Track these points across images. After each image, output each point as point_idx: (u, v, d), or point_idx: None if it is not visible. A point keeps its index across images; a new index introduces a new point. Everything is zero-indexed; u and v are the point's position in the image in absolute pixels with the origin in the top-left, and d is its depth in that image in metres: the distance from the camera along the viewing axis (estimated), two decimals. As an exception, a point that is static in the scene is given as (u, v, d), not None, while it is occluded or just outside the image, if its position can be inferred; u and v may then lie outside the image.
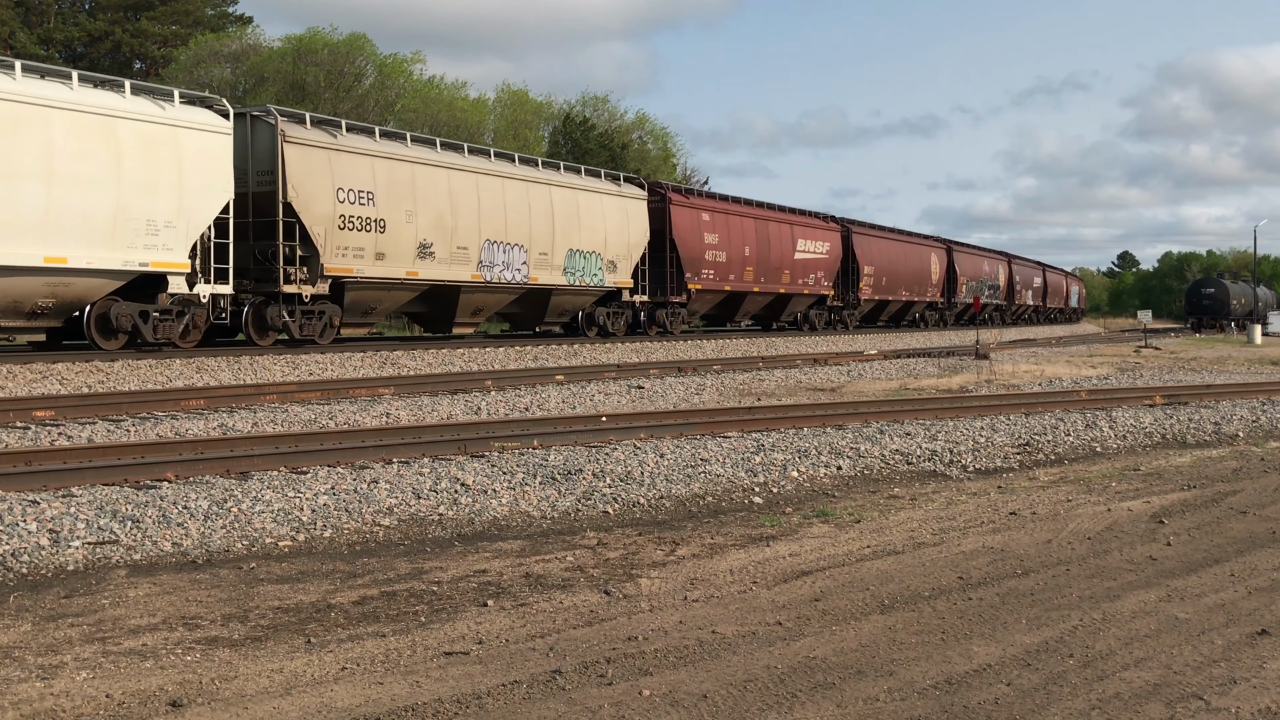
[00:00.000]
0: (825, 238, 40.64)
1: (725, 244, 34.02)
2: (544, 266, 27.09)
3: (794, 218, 39.03)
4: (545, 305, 27.67)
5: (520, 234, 26.31)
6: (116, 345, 18.37)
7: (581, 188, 28.92)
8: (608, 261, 29.38)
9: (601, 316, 29.71)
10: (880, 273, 44.76)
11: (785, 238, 37.71)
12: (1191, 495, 9.10)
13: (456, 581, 6.36)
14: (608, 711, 4.27)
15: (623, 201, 30.49)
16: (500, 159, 26.88)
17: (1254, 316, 63.59)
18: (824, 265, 40.22)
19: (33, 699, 4.43)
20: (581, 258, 28.39)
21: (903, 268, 47.15)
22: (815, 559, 6.86)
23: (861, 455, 10.92)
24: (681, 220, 32.23)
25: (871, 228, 45.66)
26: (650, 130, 64.80)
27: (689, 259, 32.22)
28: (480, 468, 9.58)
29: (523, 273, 26.42)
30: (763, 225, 36.63)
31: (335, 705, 4.35)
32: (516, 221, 26.20)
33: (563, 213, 27.82)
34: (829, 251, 40.59)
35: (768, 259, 36.34)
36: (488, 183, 25.65)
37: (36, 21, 54.37)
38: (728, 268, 34.18)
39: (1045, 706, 4.32)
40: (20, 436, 11.61)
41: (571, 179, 28.79)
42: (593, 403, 16.08)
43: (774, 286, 37.12)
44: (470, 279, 24.91)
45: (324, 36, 50.86)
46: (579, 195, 28.70)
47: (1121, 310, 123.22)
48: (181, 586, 6.22)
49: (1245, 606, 5.75)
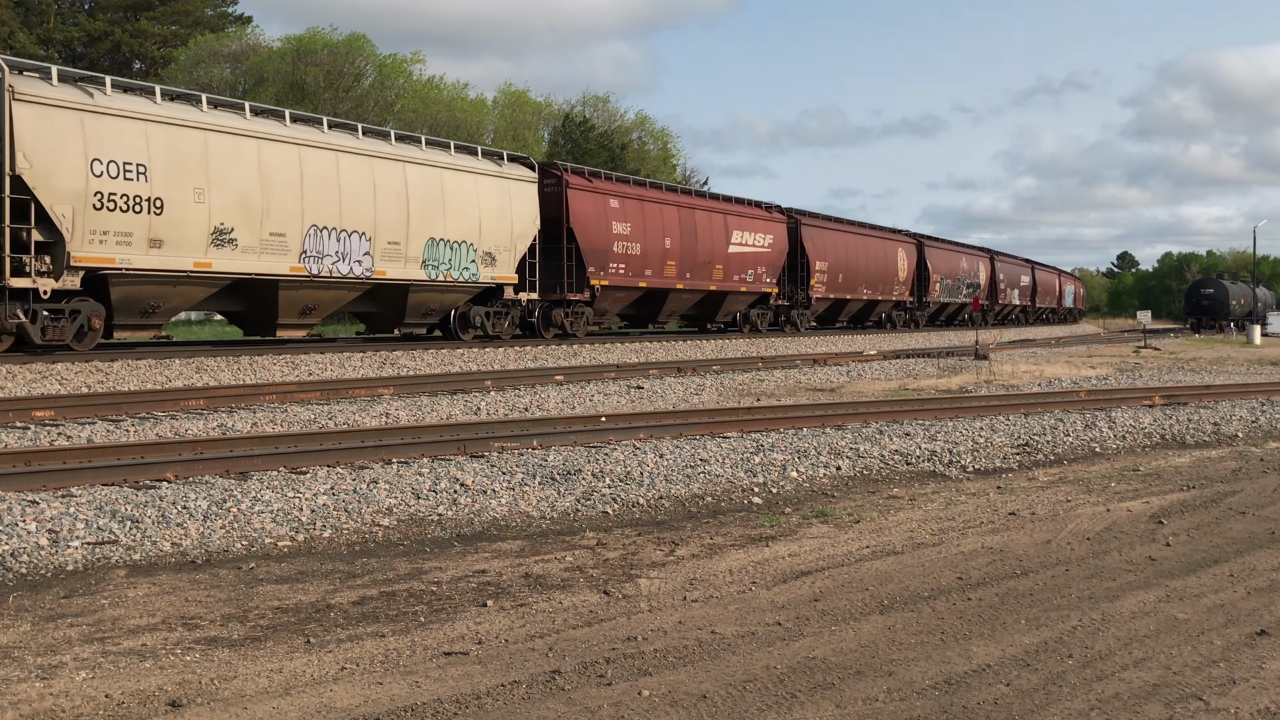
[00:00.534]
0: (768, 229, 36.56)
1: (640, 234, 29.96)
2: (395, 258, 22.99)
3: (728, 206, 35.17)
4: (403, 304, 23.93)
5: (361, 219, 22.10)
6: None
7: (448, 166, 24.54)
8: (483, 253, 25.28)
9: (479, 316, 25.92)
10: (836, 269, 40.95)
11: (717, 228, 33.77)
12: (1191, 496, 9.10)
13: (456, 582, 6.37)
14: (607, 711, 4.27)
15: (503, 184, 26.05)
16: (338, 130, 22.62)
17: (1253, 317, 63.61)
18: (767, 260, 36.24)
19: (32, 699, 4.43)
20: (447, 248, 24.30)
21: (863, 263, 43.37)
22: (814, 559, 6.86)
23: (861, 455, 10.93)
24: (582, 206, 28.09)
25: (825, 219, 41.87)
26: (650, 131, 64.87)
27: (592, 251, 28.18)
28: (480, 468, 9.58)
29: (365, 265, 22.24)
30: (688, 214, 32.61)
31: (335, 705, 4.35)
32: (355, 204, 21.94)
33: (421, 195, 23.67)
34: (772, 245, 36.55)
35: (694, 252, 32.41)
36: (315, 157, 21.23)
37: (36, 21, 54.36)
38: (643, 261, 30.14)
39: (1044, 707, 4.32)
40: (20, 436, 11.60)
41: (434, 155, 24.45)
42: (592, 403, 16.08)
43: (703, 283, 33.16)
44: (289, 272, 20.81)
45: (324, 37, 50.91)
46: (444, 175, 24.36)
47: (1121, 310, 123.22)
48: (181, 586, 6.22)
49: (1244, 607, 5.75)
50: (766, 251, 36.33)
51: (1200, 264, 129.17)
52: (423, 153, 24.22)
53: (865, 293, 43.84)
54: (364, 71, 51.74)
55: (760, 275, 36.09)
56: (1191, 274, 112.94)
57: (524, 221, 26.60)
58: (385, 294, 23.62)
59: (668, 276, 31.46)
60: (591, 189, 28.71)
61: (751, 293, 35.92)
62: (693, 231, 32.57)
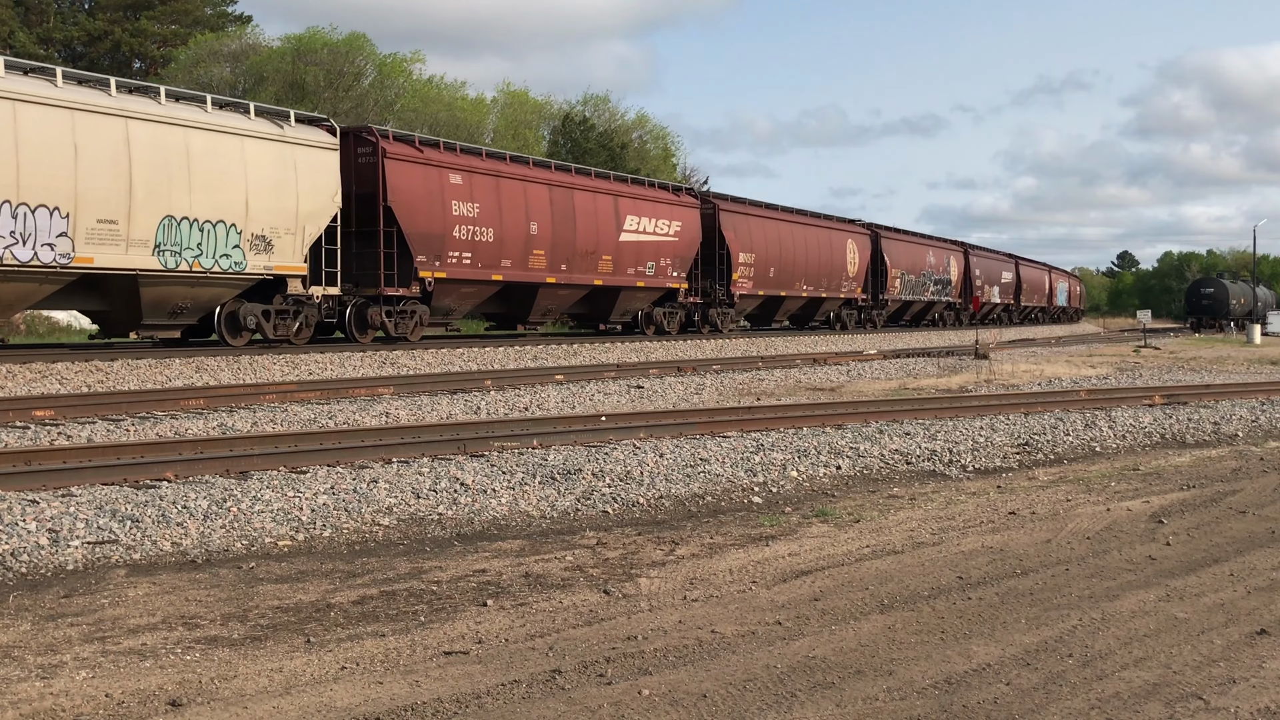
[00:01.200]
0: (675, 215, 31.66)
1: (493, 217, 24.87)
2: (110, 241, 17.76)
3: (620, 187, 30.11)
4: (136, 300, 18.61)
5: (52, 190, 16.90)
6: None
7: (196, 125, 19.19)
8: (252, 237, 19.99)
9: (252, 316, 20.51)
10: (766, 262, 35.74)
11: (604, 213, 28.68)
12: (1191, 495, 9.10)
13: (456, 581, 6.37)
14: (607, 711, 4.27)
15: (285, 150, 20.62)
16: (30, 76, 17.34)
17: (1253, 316, 63.62)
18: (673, 250, 31.38)
19: (32, 698, 4.43)
20: (195, 230, 19.04)
21: (802, 256, 38.11)
22: (814, 559, 6.87)
23: (861, 455, 10.93)
24: (407, 181, 22.97)
25: (752, 205, 36.75)
26: (650, 130, 64.85)
27: (422, 236, 23.12)
28: (480, 467, 9.58)
29: (60, 250, 17.07)
30: (563, 195, 27.33)
31: (335, 705, 4.35)
32: (43, 170, 16.77)
33: (153, 160, 18.30)
34: (681, 233, 31.65)
35: (572, 240, 27.36)
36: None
37: (36, 21, 54.37)
38: (497, 250, 25.04)
39: (1044, 706, 4.32)
40: (20, 436, 11.61)
41: (175, 111, 18.98)
42: (592, 402, 16.09)
43: (585, 277, 28.06)
44: None
45: (323, 36, 50.91)
46: (190, 137, 18.99)
47: (1121, 310, 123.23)
48: (181, 586, 6.22)
49: (1244, 606, 5.75)
50: (673, 241, 31.43)
51: (1200, 263, 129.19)
52: (158, 107, 18.72)
53: (805, 289, 38.63)
54: (364, 71, 51.73)
55: (665, 268, 31.05)
56: (1191, 273, 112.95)
57: (317, 197, 21.23)
58: (108, 288, 18.47)
59: (535, 269, 26.32)
60: (422, 160, 23.57)
61: (653, 288, 30.89)
62: (569, 215, 27.40)
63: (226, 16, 60.65)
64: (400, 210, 22.72)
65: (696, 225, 32.72)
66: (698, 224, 32.80)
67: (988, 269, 58.12)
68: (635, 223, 29.88)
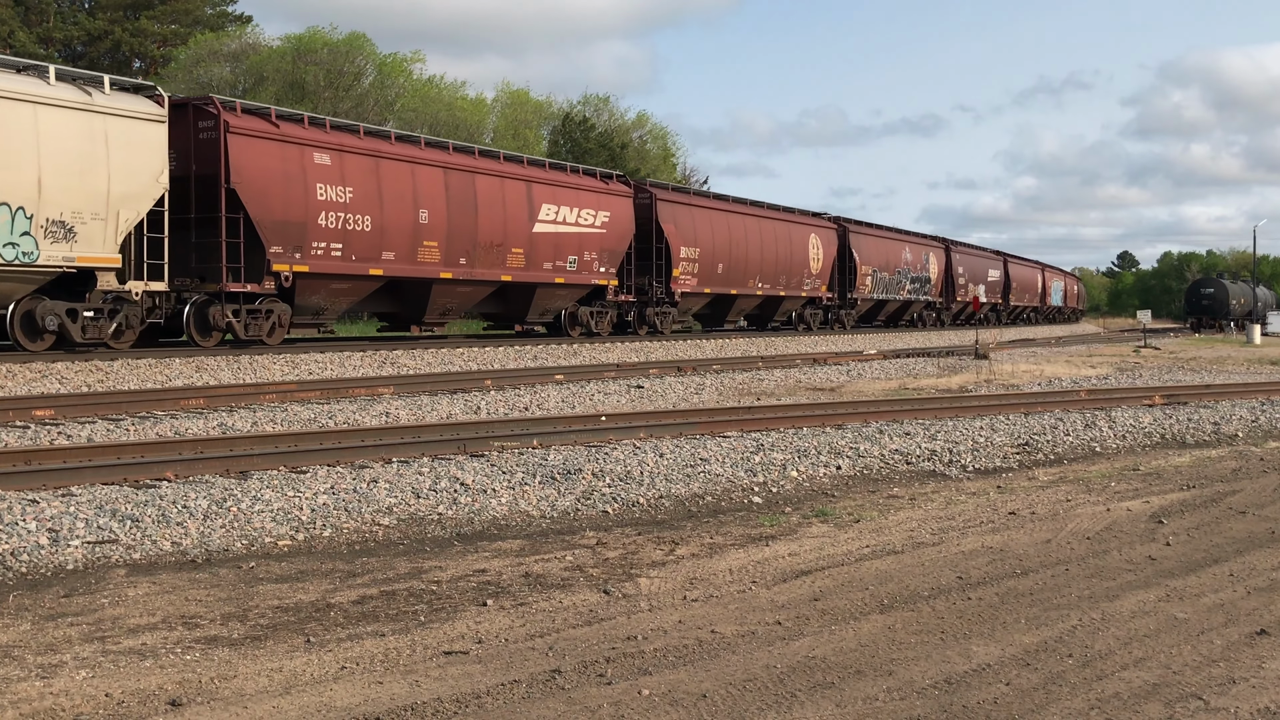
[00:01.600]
0: (603, 204, 28.70)
1: (371, 204, 22.03)
2: None
3: (534, 172, 26.96)
4: None
5: None
6: None
7: None
8: (48, 222, 16.89)
9: (52, 316, 17.41)
10: (713, 257, 33.07)
11: (514, 200, 25.86)
12: (1191, 495, 9.10)
13: (456, 581, 6.37)
14: (607, 711, 4.27)
15: (92, 120, 17.55)
16: None
17: (1253, 316, 63.60)
18: (600, 243, 28.50)
19: (32, 698, 4.43)
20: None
21: (756, 251, 35.24)
22: (814, 559, 6.87)
23: (861, 455, 10.93)
24: (258, 160, 20.10)
25: (696, 195, 34.38)
26: (650, 130, 64.86)
27: (277, 224, 20.30)
28: (480, 467, 9.58)
29: None
30: (463, 179, 24.43)
31: (335, 704, 4.35)
32: None
33: None
34: (610, 224, 28.84)
35: (472, 230, 24.46)
36: None
37: (36, 20, 54.36)
38: (377, 240, 22.18)
39: (1044, 706, 4.32)
40: (20, 435, 11.61)
41: None
42: (592, 402, 16.09)
43: (490, 271, 25.10)
44: None
45: (323, 36, 50.91)
46: None
47: (1121, 310, 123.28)
48: (181, 586, 6.22)
49: (1244, 606, 5.75)
50: (599, 233, 28.33)
51: (1200, 263, 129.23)
52: None
53: (761, 287, 35.83)
54: (364, 70, 51.74)
55: (590, 263, 28.07)
56: (1191, 273, 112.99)
57: (136, 177, 18.16)
58: None
59: (426, 262, 23.46)
60: (278, 136, 20.72)
61: (576, 285, 28.01)
62: (469, 202, 24.44)
63: (227, 16, 60.65)
64: (248, 194, 19.81)
65: (629, 216, 29.79)
66: (630, 215, 29.90)
67: (972, 266, 55.41)
68: (553, 212, 26.90)
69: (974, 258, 56.31)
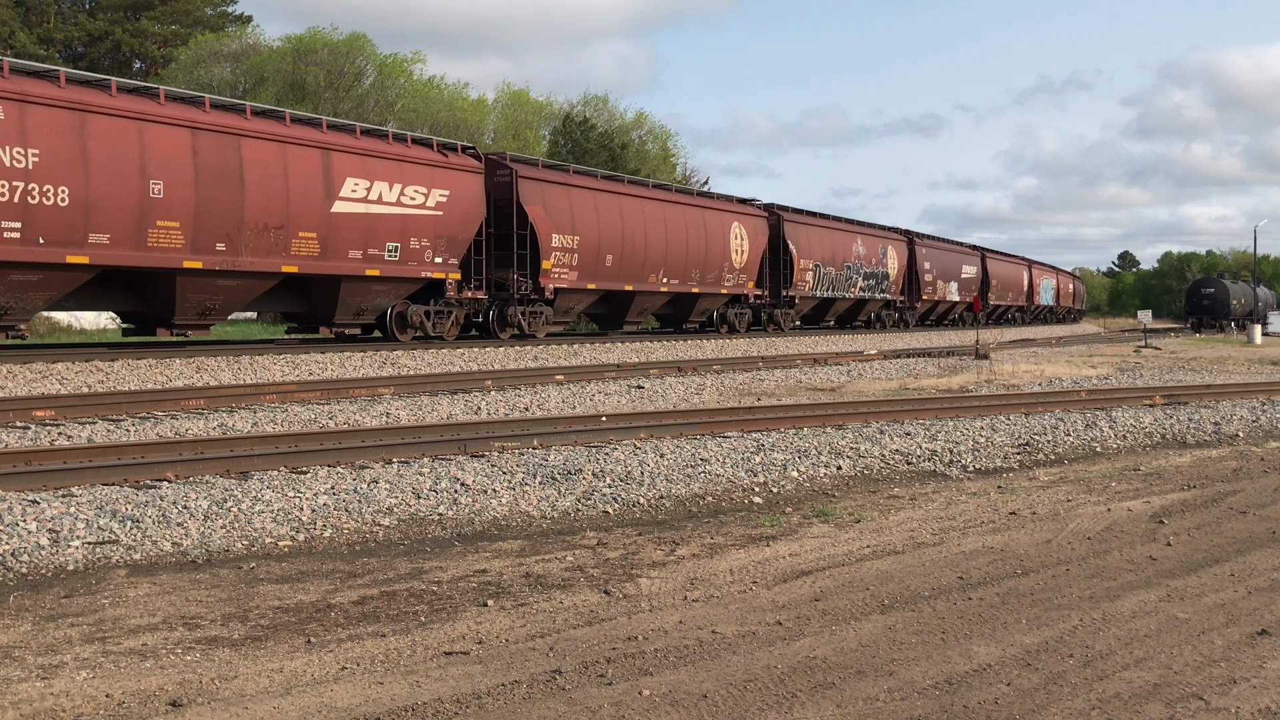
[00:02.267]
0: (441, 182, 23.65)
1: (70, 172, 16.97)
2: None
3: (335, 138, 21.83)
4: None
5: None
6: None
7: None
8: None
9: None
10: (598, 247, 27.91)
11: (303, 172, 20.77)
12: (1191, 495, 9.10)
13: (456, 581, 6.37)
14: (608, 711, 4.27)
15: None
16: None
17: (1254, 316, 63.61)
18: (435, 229, 23.43)
19: (33, 699, 4.43)
20: None
21: (658, 242, 30.32)
22: (815, 559, 6.86)
23: (861, 455, 10.92)
24: None
25: (578, 175, 28.63)
26: (650, 130, 64.86)
27: None
28: (480, 467, 9.58)
29: None
30: (222, 144, 19.32)
31: (335, 705, 4.35)
32: None
33: None
34: (449, 207, 23.83)
35: (237, 208, 19.49)
36: None
37: (36, 21, 54.38)
38: (80, 218, 17.16)
39: (1045, 706, 4.32)
40: (20, 436, 11.61)
41: None
42: (593, 402, 16.09)
43: (265, 261, 20.09)
44: None
45: (324, 36, 50.92)
46: None
47: (1121, 310, 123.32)
48: (181, 586, 6.22)
49: (1245, 606, 5.75)
50: (433, 215, 23.37)
51: (1201, 263, 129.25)
52: None
53: (666, 283, 30.93)
54: (364, 71, 51.74)
55: (419, 252, 23.16)
56: (1192, 273, 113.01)
57: None
58: None
59: (162, 248, 18.41)
60: None
61: (398, 279, 22.92)
62: (231, 173, 19.43)
63: (227, 17, 60.68)
64: None
65: (476, 196, 24.63)
66: (479, 195, 24.72)
67: (942, 262, 50.68)
68: (362, 188, 21.94)
69: (944, 252, 51.73)
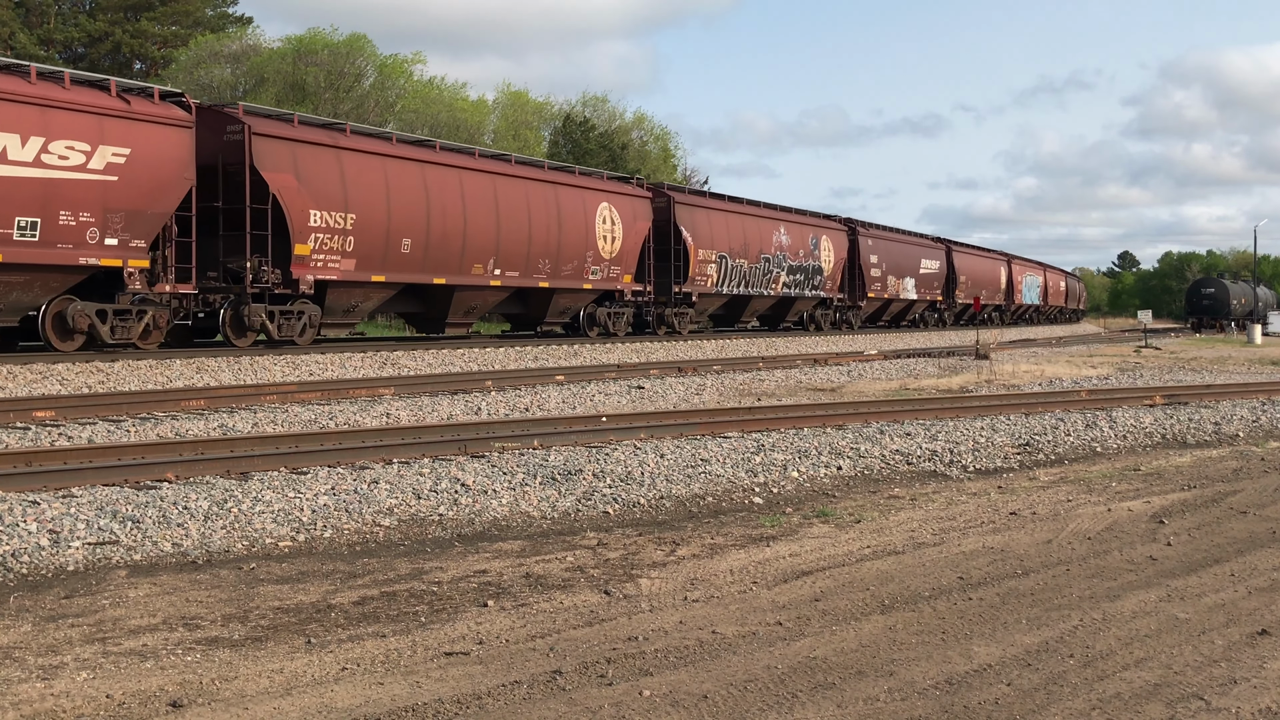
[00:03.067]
0: (114, 135, 17.72)
1: None
2: None
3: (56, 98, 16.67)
4: None
5: None
6: None
7: None
8: None
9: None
10: (398, 231, 22.55)
11: None
12: (1192, 495, 9.10)
13: (457, 582, 6.37)
14: (608, 712, 4.27)
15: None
16: None
17: (1254, 316, 63.61)
18: (102, 199, 17.47)
19: (33, 699, 4.43)
20: None
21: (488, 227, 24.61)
22: (815, 559, 6.86)
23: (862, 455, 10.92)
24: None
25: (360, 137, 22.44)
26: (650, 130, 64.88)
27: None
28: (480, 468, 9.58)
29: None
30: None
31: (335, 706, 4.35)
32: None
33: None
34: (126, 170, 17.79)
35: None
36: None
37: (36, 22, 54.39)
38: None
39: (1045, 706, 4.32)
40: (20, 437, 11.61)
41: None
42: (593, 403, 16.08)
43: None
44: None
45: (324, 37, 50.91)
46: None
47: (1121, 310, 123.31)
48: (182, 587, 6.22)
49: (1245, 606, 5.75)
50: (103, 181, 17.54)
51: (1201, 263, 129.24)
52: None
53: (501, 275, 25.06)
54: (364, 72, 51.74)
55: (75, 231, 17.26)
56: (1192, 273, 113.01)
57: None
58: None
59: None
60: None
61: (41, 268, 17.10)
62: None
63: (227, 18, 60.68)
64: None
65: (178, 158, 18.80)
66: (182, 155, 18.86)
67: (893, 255, 44.87)
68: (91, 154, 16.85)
69: (898, 244, 46.06)
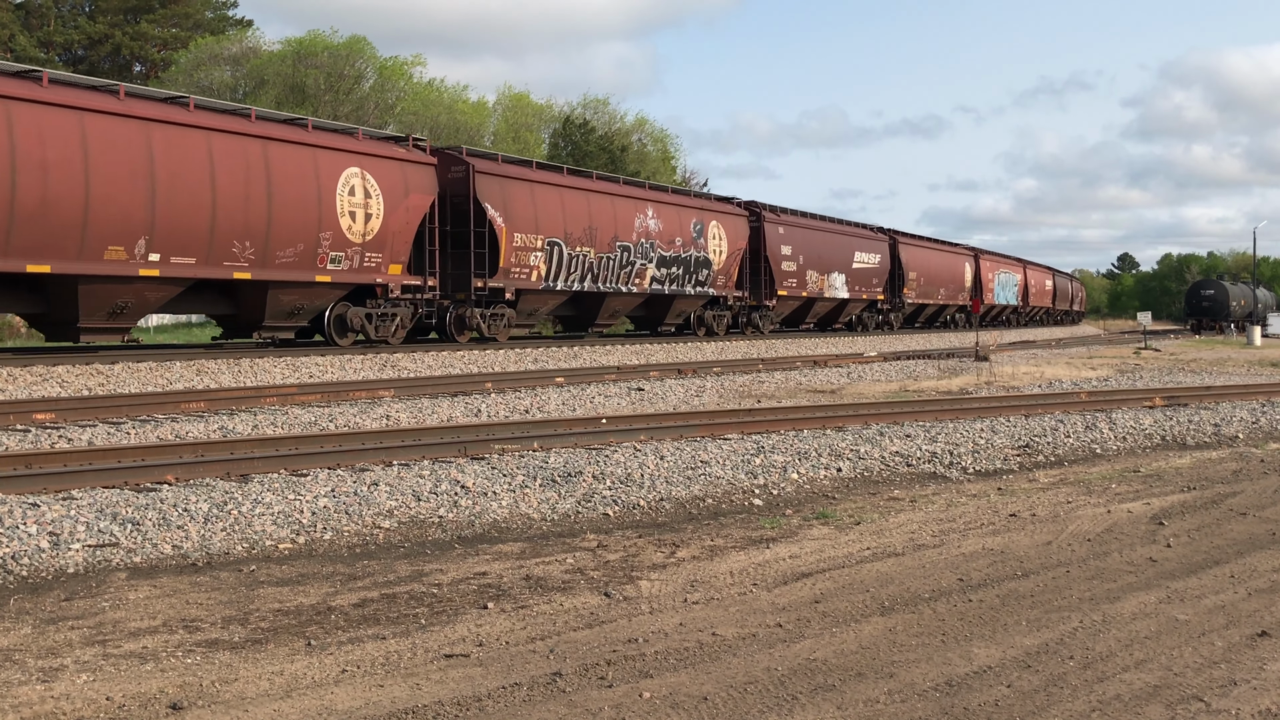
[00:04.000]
0: None
1: None
2: None
3: None
4: None
5: None
6: None
7: None
8: None
9: None
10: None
11: None
12: (1191, 497, 9.10)
13: (456, 584, 6.36)
14: (608, 713, 4.27)
15: None
16: None
17: (1253, 318, 63.62)
18: None
19: (33, 701, 4.43)
20: None
21: (90, 187, 16.54)
22: (815, 561, 6.86)
23: (861, 457, 10.92)
24: None
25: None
26: (650, 132, 64.88)
27: None
28: (480, 470, 9.58)
29: None
30: None
31: (335, 708, 4.35)
32: None
33: None
34: None
35: None
36: None
37: (36, 24, 54.41)
38: None
39: (1045, 708, 4.32)
40: (20, 439, 11.60)
41: None
42: (593, 405, 16.08)
43: None
44: None
45: (324, 39, 50.88)
46: None
47: (1121, 312, 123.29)
48: (182, 589, 6.22)
49: (1245, 608, 5.75)
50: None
51: (1200, 265, 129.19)
52: None
53: (164, 261, 17.97)
54: (364, 74, 51.72)
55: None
56: (1192, 275, 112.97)
57: None
58: None
59: None
60: None
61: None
62: None
63: (227, 20, 60.72)
64: None
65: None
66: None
67: (814, 246, 38.02)
68: None
69: (820, 233, 38.77)
